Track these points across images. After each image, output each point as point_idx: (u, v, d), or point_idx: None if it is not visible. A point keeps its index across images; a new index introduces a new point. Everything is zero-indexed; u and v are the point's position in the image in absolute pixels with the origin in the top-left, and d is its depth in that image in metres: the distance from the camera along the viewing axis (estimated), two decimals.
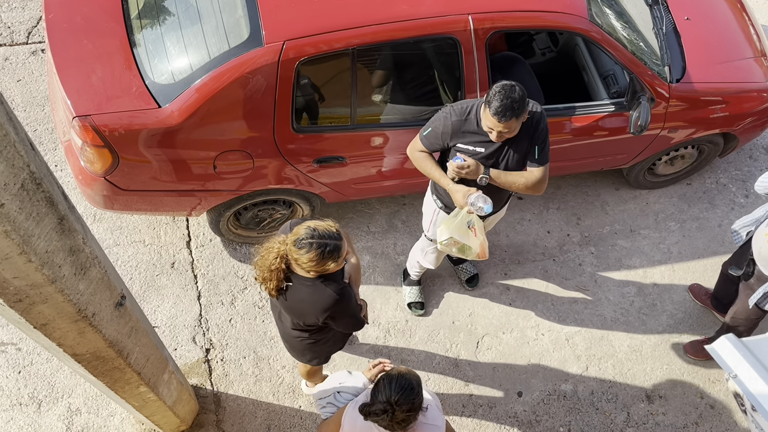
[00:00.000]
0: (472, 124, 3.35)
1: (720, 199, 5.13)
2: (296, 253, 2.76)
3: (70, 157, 3.93)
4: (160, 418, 3.68)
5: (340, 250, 2.78)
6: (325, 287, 2.90)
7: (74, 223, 2.09)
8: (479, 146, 3.38)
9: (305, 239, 2.74)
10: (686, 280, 4.78)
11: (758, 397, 3.01)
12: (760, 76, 4.63)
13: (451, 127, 3.38)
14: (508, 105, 3.09)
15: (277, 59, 3.62)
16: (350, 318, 3.11)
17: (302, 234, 2.75)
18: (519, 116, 3.16)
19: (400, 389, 2.56)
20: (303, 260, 2.75)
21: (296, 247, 2.75)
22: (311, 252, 2.72)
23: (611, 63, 4.45)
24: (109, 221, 4.68)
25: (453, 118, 3.38)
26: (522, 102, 3.13)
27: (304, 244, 2.73)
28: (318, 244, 2.73)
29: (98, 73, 3.77)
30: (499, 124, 3.14)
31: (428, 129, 3.47)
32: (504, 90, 3.11)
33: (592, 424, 4.29)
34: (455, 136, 3.40)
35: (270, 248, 2.88)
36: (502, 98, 3.09)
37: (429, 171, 3.52)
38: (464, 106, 3.40)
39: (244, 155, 3.86)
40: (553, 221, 4.95)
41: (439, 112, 3.46)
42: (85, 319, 2.36)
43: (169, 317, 4.41)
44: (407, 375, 2.63)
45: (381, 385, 2.61)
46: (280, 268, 2.86)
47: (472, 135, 3.37)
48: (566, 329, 4.58)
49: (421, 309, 4.52)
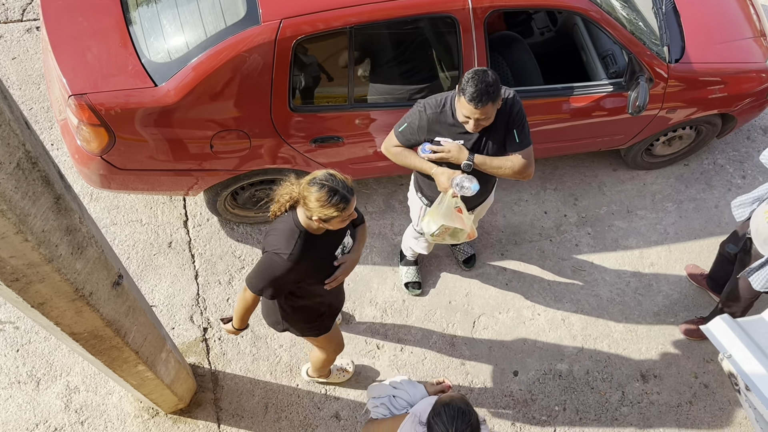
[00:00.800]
0: (448, 116, 3.33)
1: (717, 180, 5.13)
2: (306, 191, 2.77)
3: (66, 136, 3.91)
4: (158, 396, 3.71)
5: (348, 202, 2.77)
6: (288, 237, 2.89)
7: (71, 203, 2.09)
8: (457, 138, 3.36)
9: (320, 180, 2.76)
10: (682, 260, 4.80)
11: (752, 376, 3.03)
12: (759, 56, 4.61)
13: (427, 120, 3.35)
14: (483, 90, 3.05)
15: (274, 38, 3.59)
16: (256, 270, 3.03)
17: (319, 175, 2.78)
18: (495, 101, 3.12)
19: (452, 418, 2.50)
20: (311, 198, 2.75)
21: (309, 185, 2.77)
22: (321, 192, 2.73)
23: (610, 43, 4.43)
24: (106, 200, 4.68)
25: (428, 112, 3.35)
26: (496, 86, 3.09)
27: (316, 182, 2.75)
28: (330, 188, 2.73)
29: (94, 51, 3.75)
30: (476, 110, 3.10)
31: (403, 125, 3.43)
32: (477, 75, 3.07)
33: (587, 403, 4.33)
34: (432, 130, 3.37)
35: (283, 193, 2.93)
36: (476, 84, 3.05)
37: (409, 162, 3.49)
38: (438, 99, 3.36)
39: (241, 135, 3.85)
40: (550, 202, 4.95)
41: (412, 108, 3.42)
42: (82, 299, 2.36)
43: (166, 296, 4.42)
44: (453, 401, 2.57)
45: (433, 420, 2.54)
46: (284, 207, 2.92)
47: (449, 127, 3.34)
48: (562, 309, 4.60)
49: (418, 289, 4.53)
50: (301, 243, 2.89)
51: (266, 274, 2.97)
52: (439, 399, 2.62)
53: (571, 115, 4.30)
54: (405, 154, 3.50)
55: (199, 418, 4.09)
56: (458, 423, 2.48)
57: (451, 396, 2.62)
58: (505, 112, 3.32)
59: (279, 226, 2.96)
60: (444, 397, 2.61)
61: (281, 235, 2.92)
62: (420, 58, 4.11)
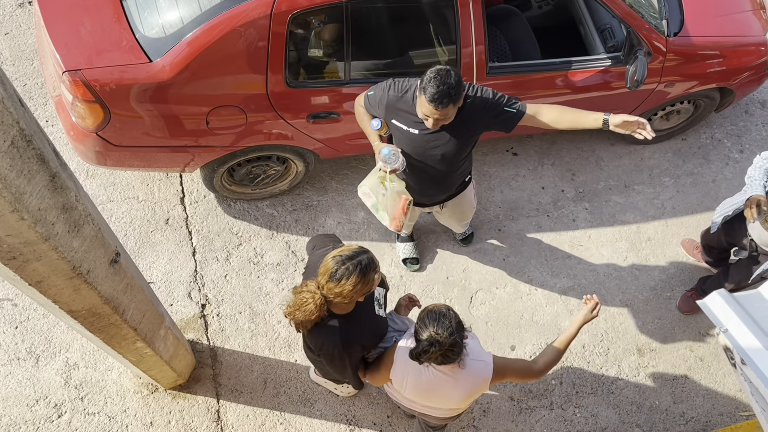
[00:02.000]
0: (408, 104, 3.27)
1: (715, 155, 5.12)
2: (337, 287, 2.63)
3: (61, 112, 3.88)
4: (157, 372, 3.73)
5: (374, 260, 2.70)
6: (339, 329, 2.84)
7: (66, 180, 2.08)
8: (413, 127, 3.31)
9: (338, 269, 2.63)
10: (679, 235, 4.81)
11: (748, 351, 3.06)
12: (758, 29, 4.58)
13: (387, 99, 3.31)
14: (444, 91, 2.97)
15: (270, 12, 3.55)
16: (332, 368, 3.03)
17: (332, 267, 2.64)
18: (455, 102, 3.05)
19: (434, 320, 2.71)
20: (348, 289, 2.63)
21: (334, 282, 2.63)
22: (353, 276, 2.61)
23: (608, 16, 4.39)
24: (102, 177, 4.66)
25: (390, 92, 3.30)
26: (458, 87, 3.02)
27: (341, 274, 2.62)
28: (353, 265, 2.62)
29: (87, 26, 3.70)
30: (436, 111, 3.03)
31: (371, 92, 3.40)
32: (439, 76, 2.98)
33: (584, 377, 4.36)
34: (390, 111, 3.33)
35: (303, 302, 2.75)
36: (437, 84, 2.97)
37: (364, 127, 3.51)
38: (403, 84, 3.30)
39: (237, 111, 3.82)
40: (547, 177, 4.94)
41: (383, 81, 3.38)
42: (79, 276, 2.36)
43: (164, 273, 4.43)
44: (436, 307, 2.78)
45: (418, 326, 2.77)
46: (322, 314, 2.78)
47: (406, 114, 3.30)
48: (559, 284, 4.61)
49: (416, 264, 4.54)
50: (345, 327, 2.85)
51: (343, 369, 2.99)
52: (423, 309, 2.85)
53: (569, 90, 4.27)
54: (364, 119, 3.49)
55: (198, 393, 4.12)
56: (441, 322, 2.71)
57: (433, 304, 2.84)
58: (479, 108, 3.26)
59: (315, 327, 2.86)
60: (427, 306, 2.84)
61: (324, 331, 2.86)
62: (417, 33, 4.08)
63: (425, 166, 3.42)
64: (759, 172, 3.66)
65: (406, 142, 3.38)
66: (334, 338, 2.85)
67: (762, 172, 3.64)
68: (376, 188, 3.51)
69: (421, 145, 3.35)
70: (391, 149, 3.35)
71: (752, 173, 3.69)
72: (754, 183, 3.63)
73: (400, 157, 3.36)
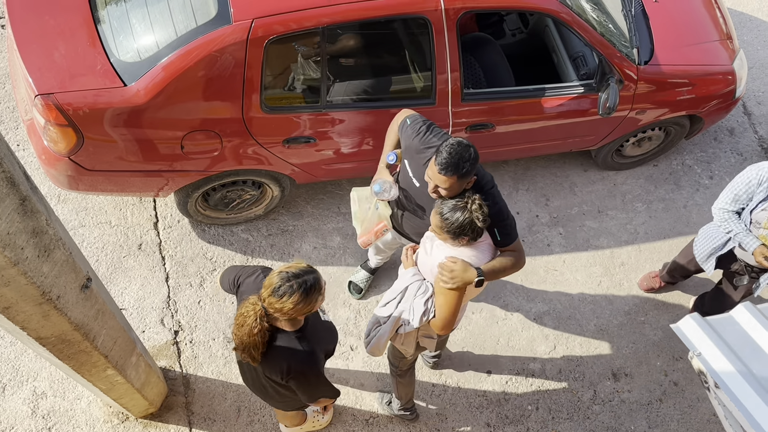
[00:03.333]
0: (423, 159, 3.20)
1: (686, 181, 5.21)
2: (278, 303, 2.58)
3: (33, 136, 3.84)
4: (128, 400, 3.65)
5: (320, 281, 2.65)
6: (298, 343, 2.76)
7: (37, 204, 2.05)
8: (417, 179, 3.27)
9: (282, 285, 2.58)
10: (652, 260, 4.86)
11: (721, 374, 3.07)
12: (725, 59, 4.69)
13: (409, 143, 3.25)
14: (455, 163, 2.88)
15: (246, 38, 3.56)
16: (310, 390, 2.92)
17: (276, 282, 2.59)
18: (462, 177, 2.94)
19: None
20: (288, 306, 2.58)
21: (276, 297, 2.58)
22: (295, 295, 2.56)
23: (581, 44, 4.47)
24: (74, 202, 4.60)
25: (415, 140, 3.22)
26: (471, 164, 2.92)
27: (284, 291, 2.57)
28: (298, 284, 2.57)
29: (61, 50, 3.68)
30: (439, 176, 2.92)
31: (410, 121, 3.29)
32: (459, 146, 2.91)
33: (559, 402, 4.36)
34: (407, 152, 3.29)
35: (245, 314, 2.69)
36: (451, 152, 2.89)
37: (386, 141, 3.47)
38: (434, 139, 3.19)
39: (213, 135, 3.81)
40: (522, 202, 4.98)
41: (421, 119, 3.28)
42: (49, 302, 2.32)
43: (136, 299, 4.36)
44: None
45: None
46: (263, 328, 2.67)
47: (416, 166, 3.25)
48: (535, 309, 4.63)
49: (358, 293, 4.51)
50: (304, 338, 2.78)
51: (317, 382, 2.90)
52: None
53: (542, 116, 4.33)
54: (390, 139, 3.45)
55: (171, 422, 4.04)
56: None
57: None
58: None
59: (271, 352, 2.78)
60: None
61: (284, 352, 2.77)
62: (393, 59, 4.11)
63: (413, 211, 3.42)
64: (734, 223, 3.64)
65: (405, 185, 3.37)
66: (299, 354, 2.76)
67: (736, 221, 3.65)
68: (365, 201, 3.55)
69: (416, 196, 3.33)
70: (383, 185, 3.33)
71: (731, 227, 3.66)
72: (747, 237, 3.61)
73: (393, 191, 3.34)
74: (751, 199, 3.58)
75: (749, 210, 3.60)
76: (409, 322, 3.16)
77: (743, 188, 3.58)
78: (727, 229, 3.71)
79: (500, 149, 4.50)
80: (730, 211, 3.67)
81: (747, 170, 3.58)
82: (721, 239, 3.83)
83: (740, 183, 3.59)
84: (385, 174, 3.41)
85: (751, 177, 3.55)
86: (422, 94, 4.03)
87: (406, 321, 3.18)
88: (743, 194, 3.59)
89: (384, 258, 4.34)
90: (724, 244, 3.82)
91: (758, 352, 3.13)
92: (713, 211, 3.75)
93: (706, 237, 3.94)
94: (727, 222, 3.68)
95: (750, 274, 3.90)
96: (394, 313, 3.21)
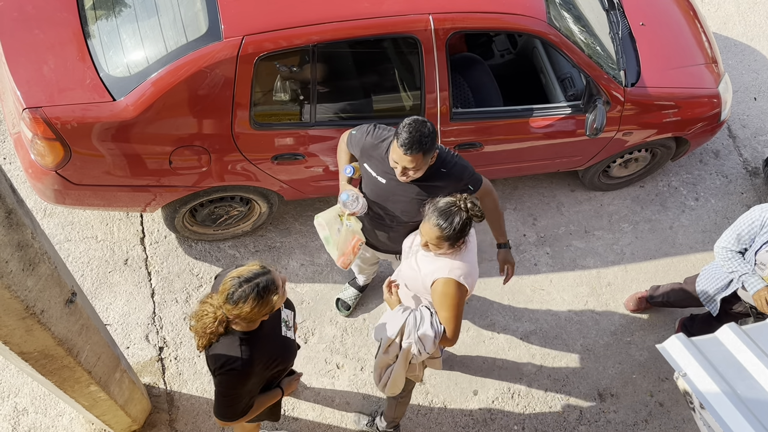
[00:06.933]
0: (381, 153, 3.28)
1: (671, 202, 5.25)
2: (235, 309, 2.56)
3: (20, 149, 3.82)
4: (111, 417, 3.61)
5: (275, 281, 2.59)
6: (238, 348, 2.70)
7: (23, 218, 2.03)
8: (382, 176, 3.31)
9: (236, 291, 2.55)
10: (639, 280, 4.88)
11: (707, 395, 3.08)
12: (710, 82, 4.75)
13: (363, 143, 3.33)
14: (417, 138, 2.99)
15: (236, 54, 3.57)
16: (220, 396, 2.80)
17: (230, 288, 2.55)
18: (426, 152, 3.04)
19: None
20: (246, 311, 2.55)
21: (231, 304, 2.55)
22: (249, 299, 2.53)
23: (569, 66, 4.51)
24: (61, 216, 4.57)
25: (368, 138, 3.32)
26: (431, 139, 3.03)
27: (239, 296, 2.54)
28: (251, 287, 2.54)
29: (50, 63, 3.67)
30: (405, 156, 3.02)
31: (355, 131, 3.42)
32: (415, 123, 3.02)
33: (546, 422, 4.35)
34: (364, 155, 3.35)
35: (205, 312, 2.67)
36: (411, 131, 3.00)
37: (339, 163, 3.53)
38: (384, 132, 3.32)
39: (201, 151, 3.81)
40: (509, 221, 4.99)
41: (365, 124, 3.40)
42: (33, 317, 2.30)
43: (121, 315, 4.33)
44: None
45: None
46: (217, 331, 2.66)
47: (378, 162, 3.31)
48: (521, 328, 4.63)
49: (346, 310, 4.50)
50: (246, 344, 2.71)
51: (230, 394, 2.78)
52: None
53: (530, 136, 4.36)
54: (342, 157, 3.52)
55: None
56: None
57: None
58: (451, 179, 3.26)
59: (215, 347, 2.73)
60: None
61: (223, 351, 2.71)
62: (383, 78, 4.13)
63: (384, 214, 3.43)
64: (736, 263, 3.63)
65: (371, 187, 3.39)
66: (235, 356, 2.70)
67: (739, 260, 3.63)
68: (333, 222, 3.53)
69: (385, 195, 3.35)
70: (351, 195, 3.35)
71: (734, 267, 3.65)
72: (751, 278, 3.60)
73: (361, 201, 3.37)
74: (754, 240, 3.56)
75: (753, 251, 3.57)
76: (421, 352, 3.18)
77: (746, 228, 3.56)
78: (730, 268, 3.67)
79: (488, 168, 4.52)
80: (733, 251, 3.65)
81: (752, 210, 3.56)
82: (724, 279, 3.81)
83: (744, 223, 3.56)
84: (348, 187, 3.44)
85: (754, 218, 3.52)
86: (411, 113, 4.05)
87: (417, 351, 3.19)
88: (746, 235, 3.57)
89: (370, 274, 4.33)
90: (728, 285, 3.80)
91: (743, 372, 3.15)
92: (716, 249, 3.72)
93: (709, 277, 3.92)
94: (729, 261, 3.65)
95: (756, 315, 3.87)
96: (402, 351, 3.23)
